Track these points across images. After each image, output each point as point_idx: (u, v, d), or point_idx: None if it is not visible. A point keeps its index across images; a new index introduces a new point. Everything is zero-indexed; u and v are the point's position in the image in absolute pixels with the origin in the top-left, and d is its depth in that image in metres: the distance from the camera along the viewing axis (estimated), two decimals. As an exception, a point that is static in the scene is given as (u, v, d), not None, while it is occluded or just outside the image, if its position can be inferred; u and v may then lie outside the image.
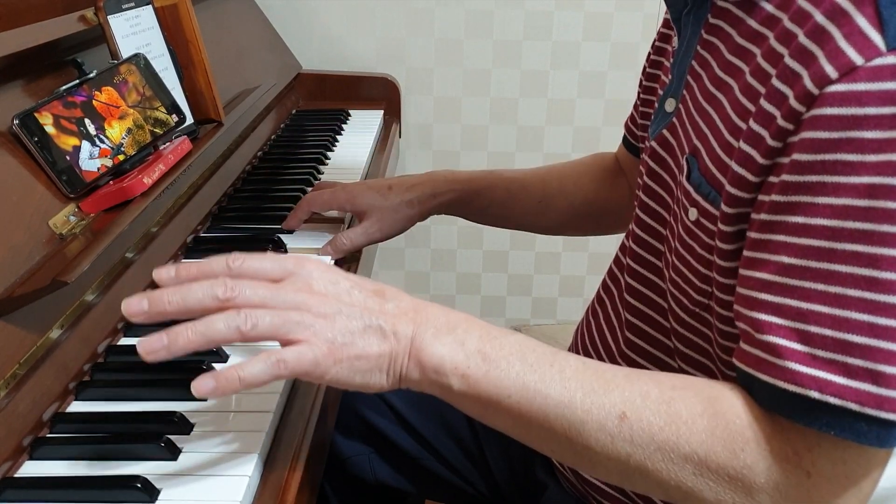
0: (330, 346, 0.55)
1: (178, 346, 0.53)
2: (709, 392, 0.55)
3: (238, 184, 1.15)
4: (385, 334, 0.57)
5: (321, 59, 1.67)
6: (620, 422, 0.54)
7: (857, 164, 0.48)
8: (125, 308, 0.54)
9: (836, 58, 0.48)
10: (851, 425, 0.49)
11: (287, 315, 0.55)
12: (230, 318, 0.53)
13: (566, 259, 1.85)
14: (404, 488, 0.98)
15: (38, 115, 0.74)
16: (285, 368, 0.54)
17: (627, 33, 1.65)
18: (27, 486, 0.58)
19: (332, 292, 0.57)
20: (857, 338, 0.49)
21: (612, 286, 0.79)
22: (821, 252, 0.49)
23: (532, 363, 0.56)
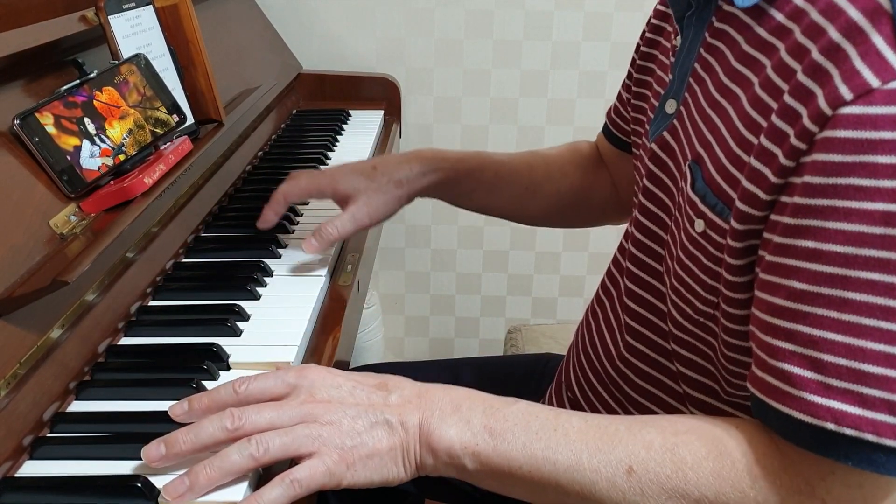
0: (340, 451, 0.56)
1: (201, 485, 0.55)
2: (712, 433, 0.55)
3: (239, 184, 1.15)
4: (392, 427, 0.58)
5: (321, 59, 1.67)
6: (629, 476, 0.54)
7: (872, 190, 0.47)
8: (145, 455, 0.57)
9: (852, 79, 0.47)
10: (869, 456, 0.49)
11: (294, 431, 0.56)
12: (242, 448, 0.55)
13: (566, 259, 1.85)
14: (404, 488, 0.98)
15: (38, 115, 0.74)
16: (301, 487, 0.55)
17: (627, 33, 1.65)
18: (27, 486, 0.58)
19: (335, 397, 0.59)
20: (873, 368, 0.48)
21: (611, 288, 0.79)
22: (833, 279, 0.49)
23: (536, 430, 0.57)
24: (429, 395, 0.60)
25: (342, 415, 0.57)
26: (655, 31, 0.79)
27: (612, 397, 0.76)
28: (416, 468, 0.59)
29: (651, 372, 0.72)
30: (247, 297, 0.83)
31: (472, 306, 1.90)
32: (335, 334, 0.81)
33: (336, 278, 0.92)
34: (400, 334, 1.93)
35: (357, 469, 0.57)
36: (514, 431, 0.57)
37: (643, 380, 0.73)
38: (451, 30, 1.66)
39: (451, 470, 0.59)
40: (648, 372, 0.72)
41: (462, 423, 0.58)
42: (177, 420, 0.60)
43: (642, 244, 0.72)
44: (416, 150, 0.93)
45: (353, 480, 0.57)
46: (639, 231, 0.72)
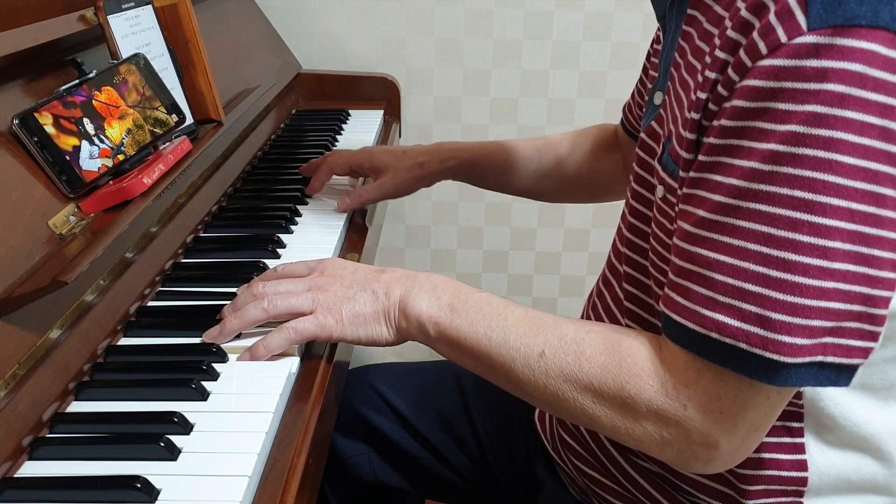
0: (332, 311, 0.71)
1: (228, 330, 0.73)
2: (615, 336, 0.64)
3: (238, 184, 1.15)
4: (377, 296, 0.72)
5: (321, 58, 1.67)
6: (540, 358, 0.64)
7: (768, 132, 0.53)
8: (206, 337, 0.74)
9: (767, 34, 0.53)
10: (744, 363, 0.56)
11: (299, 295, 0.72)
12: (257, 304, 0.73)
13: (566, 259, 1.85)
14: (404, 488, 0.98)
15: (37, 114, 0.74)
16: (296, 333, 0.71)
17: (627, 33, 1.65)
18: (27, 486, 0.58)
19: (339, 273, 0.74)
20: (752, 286, 0.54)
21: (611, 277, 0.79)
22: (728, 208, 0.55)
23: (486, 313, 0.68)
24: (415, 277, 0.73)
25: (339, 285, 0.73)
26: (658, 40, 0.82)
27: None
28: (397, 330, 0.72)
29: None
30: (246, 297, 0.83)
31: (472, 306, 1.89)
32: (335, 334, 0.80)
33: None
34: (400, 334, 1.93)
35: (346, 325, 0.71)
36: (469, 311, 0.69)
37: None
38: (451, 30, 1.65)
39: (419, 335, 0.71)
40: None
41: (433, 298, 0.70)
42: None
43: (637, 228, 0.74)
44: (440, 143, 1.11)
45: (342, 334, 0.71)
46: (633, 216, 0.74)
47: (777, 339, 0.54)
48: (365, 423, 0.97)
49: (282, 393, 0.68)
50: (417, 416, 0.96)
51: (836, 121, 0.51)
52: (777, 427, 0.66)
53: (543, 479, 0.87)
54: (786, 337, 0.54)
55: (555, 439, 0.84)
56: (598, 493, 0.79)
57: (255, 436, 0.63)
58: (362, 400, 0.98)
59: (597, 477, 0.78)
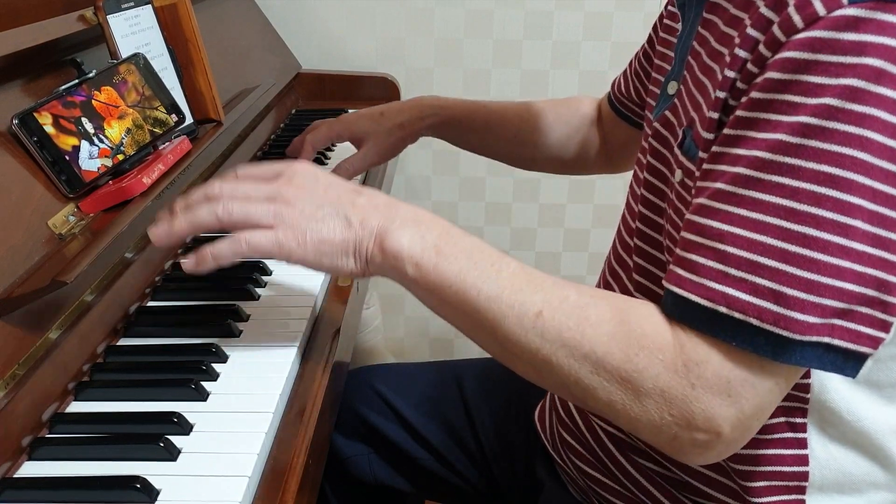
0: (294, 231, 0.63)
1: (175, 231, 0.65)
2: (622, 304, 0.60)
3: (238, 184, 1.14)
4: (350, 223, 0.63)
5: (321, 58, 1.67)
6: (536, 318, 0.59)
7: (799, 105, 0.51)
8: (151, 234, 0.66)
9: (804, 8, 0.51)
10: (751, 338, 0.53)
11: (257, 204, 0.64)
12: (210, 207, 0.64)
13: (566, 259, 1.85)
14: (404, 488, 0.98)
15: (37, 114, 0.74)
16: (246, 246, 0.63)
17: (627, 33, 1.65)
18: (26, 486, 0.58)
19: (309, 186, 0.65)
20: (768, 261, 0.52)
21: (619, 269, 0.79)
22: (749, 180, 0.53)
23: (477, 261, 0.62)
24: (396, 207, 0.65)
25: (308, 202, 0.64)
26: (670, 16, 0.80)
27: None
28: (366, 263, 0.64)
29: None
30: (245, 298, 0.83)
31: (472, 306, 1.89)
32: (334, 335, 0.80)
33: (335, 278, 0.92)
34: (400, 334, 1.93)
35: (307, 249, 0.63)
36: (457, 256, 0.62)
37: None
38: (451, 30, 1.65)
39: (393, 273, 0.64)
40: None
41: (417, 236, 0.63)
42: None
43: (649, 219, 0.73)
44: (419, 97, 1.08)
45: (301, 258, 0.63)
46: (644, 206, 0.74)
47: (789, 315, 0.52)
48: (365, 424, 0.97)
49: (281, 393, 0.68)
50: (418, 417, 0.96)
51: (871, 97, 0.50)
52: (780, 423, 0.65)
53: (543, 479, 0.87)
54: (798, 314, 0.52)
55: (555, 439, 0.84)
56: (599, 492, 0.79)
57: (254, 436, 0.62)
58: (362, 400, 0.98)
59: (597, 476, 0.78)
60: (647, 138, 0.75)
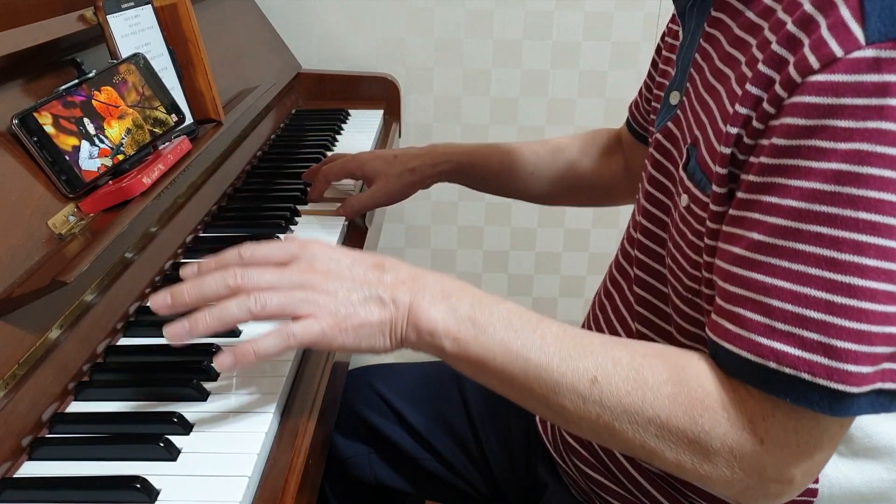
0: (334, 317, 0.61)
1: (199, 330, 0.60)
2: (676, 360, 0.59)
3: (238, 183, 1.15)
4: (384, 303, 0.62)
5: (321, 58, 1.67)
6: (591, 385, 0.58)
7: (829, 151, 0.50)
8: (152, 303, 0.62)
9: (819, 48, 0.51)
10: (805, 394, 0.52)
11: (293, 294, 0.61)
12: (241, 302, 0.60)
13: (566, 259, 1.85)
14: (404, 488, 0.98)
15: (37, 114, 0.74)
16: (295, 340, 0.60)
17: (627, 33, 1.65)
18: (26, 486, 0.58)
19: (334, 269, 0.63)
20: (815, 313, 0.52)
21: (620, 279, 0.79)
22: (787, 231, 0.52)
23: (517, 329, 0.60)
24: (423, 279, 0.64)
25: (339, 286, 0.62)
26: (672, 33, 0.81)
27: None
28: (400, 341, 0.63)
29: None
30: (246, 298, 0.82)
31: (472, 306, 1.89)
32: (335, 334, 0.80)
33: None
34: (400, 334, 1.93)
35: (348, 334, 0.61)
36: (496, 326, 0.61)
37: None
38: (451, 29, 1.65)
39: (430, 349, 0.63)
40: None
41: (450, 310, 0.62)
42: (184, 278, 0.63)
43: (649, 231, 0.73)
44: (433, 145, 1.07)
45: (343, 343, 0.61)
46: (646, 219, 0.74)
47: (843, 368, 0.51)
48: (365, 424, 0.96)
49: (281, 393, 0.68)
50: (417, 417, 0.96)
51: None
52: None
53: (545, 480, 0.87)
54: (851, 366, 0.51)
55: (556, 441, 0.84)
56: (601, 494, 0.78)
57: (254, 436, 0.62)
58: (362, 400, 0.98)
59: (599, 479, 0.78)
60: (650, 150, 0.75)
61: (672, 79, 0.71)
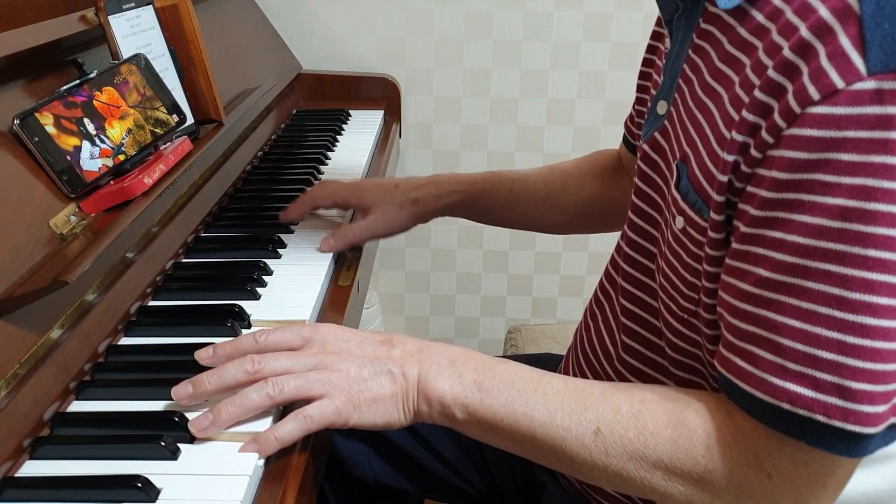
0: (347, 394, 0.63)
1: (223, 421, 0.62)
2: (674, 404, 0.59)
3: (239, 184, 1.15)
4: (395, 377, 0.64)
5: (321, 59, 1.67)
6: (595, 436, 0.59)
7: (833, 186, 0.49)
8: (175, 394, 0.64)
9: (819, 79, 0.49)
10: (821, 436, 0.52)
11: (307, 376, 0.63)
12: (260, 388, 0.62)
13: (566, 259, 1.85)
14: (404, 488, 0.98)
15: (38, 115, 0.74)
16: (312, 422, 0.62)
17: (627, 33, 1.65)
18: (27, 485, 0.58)
19: (344, 349, 0.66)
20: (827, 354, 0.50)
21: (609, 289, 0.79)
22: (795, 268, 0.51)
23: (520, 389, 0.62)
24: (429, 351, 0.66)
25: (350, 364, 0.64)
26: (657, 38, 0.80)
27: None
28: (414, 414, 0.65)
29: (648, 372, 0.72)
30: (247, 297, 0.83)
31: (472, 306, 1.90)
32: (335, 334, 0.80)
33: (336, 278, 0.92)
34: (400, 334, 1.93)
35: (363, 410, 0.63)
36: (499, 388, 0.62)
37: (640, 379, 0.73)
38: (451, 30, 1.66)
39: (443, 419, 0.64)
40: (646, 372, 0.73)
41: (455, 377, 0.63)
42: (202, 363, 0.66)
43: (636, 244, 0.72)
44: (437, 175, 1.01)
45: (358, 420, 0.63)
46: (632, 231, 0.73)
47: (859, 409, 0.50)
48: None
49: (282, 393, 0.68)
50: (417, 417, 0.96)
51: None
52: None
53: (544, 480, 0.87)
54: (867, 406, 0.50)
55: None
56: (597, 497, 0.79)
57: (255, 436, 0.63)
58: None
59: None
60: (637, 161, 0.73)
61: (660, 87, 0.70)
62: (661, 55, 0.76)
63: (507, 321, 1.89)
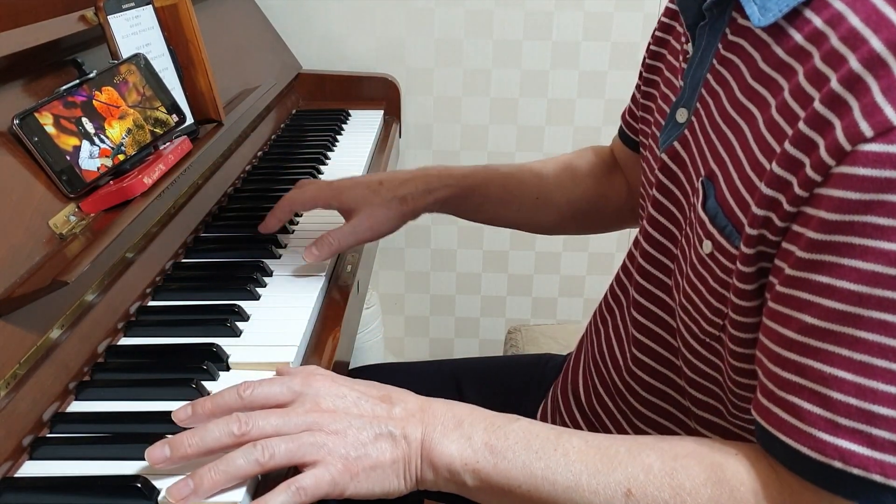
0: (344, 461, 0.57)
1: (205, 488, 0.55)
2: (712, 459, 0.55)
3: (238, 184, 1.15)
4: (396, 440, 0.58)
5: (321, 59, 1.67)
6: (627, 499, 0.54)
7: (889, 229, 0.46)
8: (148, 457, 0.57)
9: (872, 114, 0.46)
10: (877, 497, 0.49)
11: (300, 439, 0.57)
12: (248, 453, 0.56)
13: (566, 259, 1.85)
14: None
15: (38, 114, 0.74)
16: (305, 496, 0.55)
17: (627, 33, 1.65)
18: (27, 486, 0.58)
19: (340, 407, 0.59)
20: (883, 409, 0.47)
21: (620, 296, 0.78)
22: (846, 317, 0.48)
23: (537, 450, 0.57)
24: (431, 410, 0.60)
25: (347, 425, 0.58)
26: (665, 30, 0.77)
27: (618, 408, 0.76)
28: (417, 482, 0.59)
29: (658, 385, 0.72)
30: (246, 298, 0.83)
31: (472, 306, 1.90)
32: (335, 334, 0.80)
33: (336, 278, 0.92)
34: (400, 334, 1.93)
35: (360, 479, 0.57)
36: (514, 450, 0.57)
37: (650, 393, 0.72)
38: (451, 30, 1.66)
39: (451, 486, 0.59)
40: (655, 385, 0.72)
41: (463, 439, 0.58)
42: (181, 425, 0.59)
43: (651, 256, 0.71)
44: (424, 168, 0.93)
45: (355, 490, 0.57)
46: (648, 243, 0.71)
47: None
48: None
49: (282, 393, 0.68)
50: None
51: None
52: None
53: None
54: None
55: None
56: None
57: (255, 436, 0.62)
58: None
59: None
60: (652, 171, 0.71)
61: (679, 94, 0.66)
62: (673, 52, 0.74)
63: (507, 321, 1.89)
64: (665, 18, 0.78)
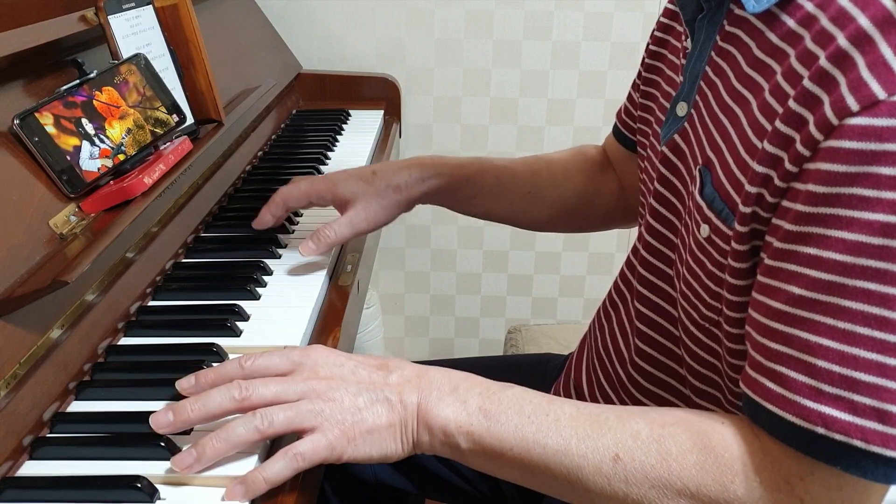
0: (341, 426, 0.58)
1: (208, 457, 0.57)
2: (698, 426, 0.56)
3: (238, 184, 1.15)
4: (392, 404, 0.60)
5: (321, 59, 1.67)
6: (615, 463, 0.56)
7: (874, 200, 0.47)
8: (153, 422, 0.59)
9: (859, 89, 0.47)
10: (857, 462, 0.49)
11: (298, 406, 0.58)
12: (248, 421, 0.58)
13: (566, 259, 1.85)
14: (404, 488, 0.98)
15: (38, 115, 0.74)
16: (304, 461, 0.57)
17: (627, 33, 1.66)
18: (27, 486, 0.58)
19: (337, 374, 0.61)
20: (865, 376, 0.48)
21: (624, 290, 0.78)
22: (831, 286, 0.49)
23: (529, 414, 0.59)
24: (428, 376, 0.62)
25: (344, 392, 0.60)
26: (665, 30, 0.78)
27: (621, 401, 0.76)
28: (413, 445, 0.60)
29: (661, 376, 0.72)
30: (246, 298, 0.83)
31: (472, 306, 1.90)
32: (335, 334, 0.81)
33: (336, 278, 0.92)
34: (400, 334, 1.93)
35: (357, 444, 0.59)
36: (507, 414, 0.59)
37: (655, 385, 0.73)
38: (451, 30, 1.66)
39: (445, 449, 0.60)
40: (659, 376, 0.72)
41: (458, 403, 0.60)
42: (183, 393, 0.62)
43: (654, 248, 0.71)
44: (417, 157, 0.93)
45: (353, 454, 0.59)
46: (650, 235, 0.72)
47: None
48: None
49: (282, 393, 0.68)
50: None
51: None
52: None
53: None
54: None
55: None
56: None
57: (255, 435, 0.62)
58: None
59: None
60: (653, 166, 0.72)
61: (679, 89, 0.68)
62: (673, 50, 0.75)
63: (507, 321, 1.89)
64: (664, 19, 0.79)
